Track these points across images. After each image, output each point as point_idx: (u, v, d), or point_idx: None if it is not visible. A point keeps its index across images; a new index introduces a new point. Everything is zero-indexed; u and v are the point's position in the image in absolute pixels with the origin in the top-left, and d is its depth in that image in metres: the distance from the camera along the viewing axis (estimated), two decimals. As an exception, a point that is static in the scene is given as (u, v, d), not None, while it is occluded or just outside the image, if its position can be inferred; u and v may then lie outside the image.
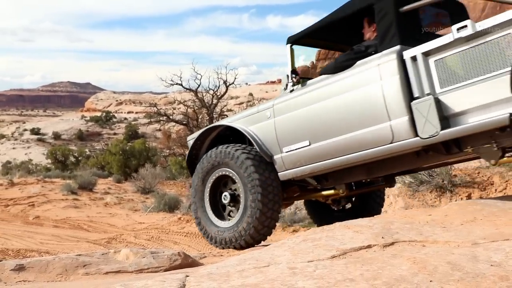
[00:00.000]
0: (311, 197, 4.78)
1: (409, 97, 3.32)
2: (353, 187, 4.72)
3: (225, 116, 24.59)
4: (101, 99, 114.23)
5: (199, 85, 27.23)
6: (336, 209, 5.19)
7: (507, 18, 2.91)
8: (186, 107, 28.84)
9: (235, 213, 4.36)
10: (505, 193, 6.65)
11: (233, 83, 28.04)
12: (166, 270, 3.05)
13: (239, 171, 4.21)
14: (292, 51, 4.23)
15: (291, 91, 4.10)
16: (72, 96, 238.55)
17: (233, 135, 4.60)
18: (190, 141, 4.95)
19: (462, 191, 6.86)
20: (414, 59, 3.31)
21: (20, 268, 2.95)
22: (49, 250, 8.38)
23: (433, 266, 1.82)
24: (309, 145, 3.91)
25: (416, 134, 3.30)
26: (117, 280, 2.77)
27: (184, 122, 28.37)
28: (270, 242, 5.12)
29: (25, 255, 7.67)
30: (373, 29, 3.88)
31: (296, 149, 4.00)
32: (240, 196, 4.27)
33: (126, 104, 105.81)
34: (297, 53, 4.63)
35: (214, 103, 27.62)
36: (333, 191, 4.29)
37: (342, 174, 4.06)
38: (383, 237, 2.30)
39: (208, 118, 26.88)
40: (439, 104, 3.18)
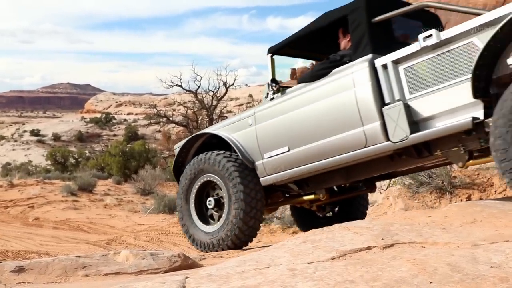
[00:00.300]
0: (294, 203, 4.92)
1: (381, 103, 3.47)
2: (336, 193, 4.84)
3: (225, 118, 24.61)
4: (101, 100, 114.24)
5: (199, 87, 27.26)
6: (321, 215, 5.31)
7: (469, 27, 3.05)
8: (186, 109, 28.86)
9: (219, 217, 4.48)
10: (505, 195, 6.65)
11: (233, 84, 28.08)
12: (166, 271, 3.05)
13: (222, 177, 4.34)
14: (272, 61, 4.40)
15: (272, 99, 4.24)
16: (72, 98, 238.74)
17: (218, 143, 4.71)
18: (177, 149, 5.09)
19: (462, 192, 6.86)
20: (385, 67, 3.46)
21: (20, 270, 2.95)
22: (49, 252, 8.38)
23: (433, 267, 1.82)
24: (288, 151, 4.05)
25: (387, 138, 3.45)
26: (116, 281, 2.77)
27: (184, 124, 28.39)
28: (270, 244, 5.14)
29: (24, 257, 7.67)
30: (348, 39, 4.01)
31: (276, 155, 4.13)
32: (224, 201, 4.40)
33: (125, 105, 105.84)
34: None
35: (214, 104, 27.64)
36: (313, 196, 4.43)
37: (321, 179, 4.20)
38: (383, 239, 2.30)
39: (208, 119, 26.89)
40: (408, 110, 3.34)
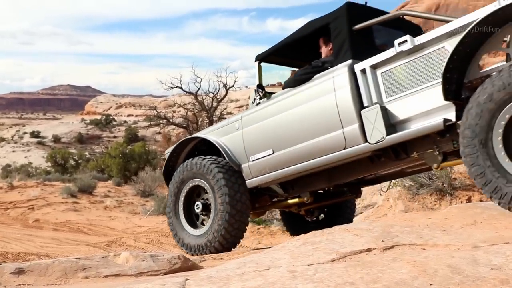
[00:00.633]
0: (281, 207, 5.05)
1: (360, 105, 3.60)
2: (322, 197, 4.99)
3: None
4: (101, 102, 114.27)
5: (199, 88, 27.23)
6: (309, 220, 5.41)
7: (440, 33, 3.19)
8: (186, 110, 28.84)
9: (207, 221, 4.59)
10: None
11: (233, 86, 28.05)
12: (166, 273, 3.04)
13: (209, 181, 4.46)
14: (260, 67, 4.57)
15: (258, 104, 4.39)
16: (72, 99, 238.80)
17: (208, 147, 4.81)
18: (167, 153, 5.17)
19: (462, 194, 6.86)
20: (364, 71, 3.61)
21: (20, 272, 2.94)
22: (49, 253, 8.38)
23: (433, 269, 1.82)
24: (273, 153, 4.18)
25: (366, 140, 3.57)
26: (117, 283, 2.77)
27: (184, 125, 28.38)
28: (270, 245, 5.13)
29: (24, 259, 7.66)
30: (329, 48, 4.16)
31: (261, 157, 4.27)
32: (211, 205, 4.51)
33: (126, 107, 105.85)
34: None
35: (214, 106, 27.62)
36: (298, 199, 4.54)
37: (305, 182, 4.34)
38: (383, 240, 2.29)
39: (208, 121, 26.87)
40: (385, 112, 3.47)
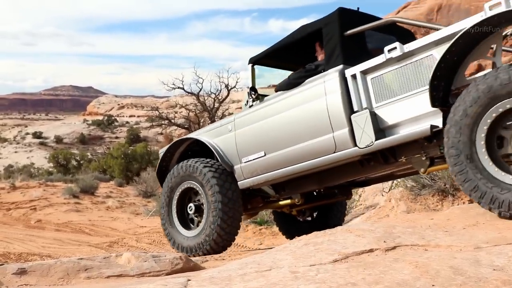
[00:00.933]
0: (273, 208, 5.12)
1: (350, 110, 3.65)
2: (313, 199, 5.05)
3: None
4: (103, 103, 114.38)
5: (200, 89, 27.24)
6: (301, 220, 5.48)
7: (429, 41, 3.25)
8: (188, 111, 28.87)
9: (200, 222, 4.64)
10: (507, 197, 6.62)
11: (234, 86, 28.05)
12: (168, 274, 3.05)
13: (201, 183, 4.52)
14: (253, 70, 4.63)
15: (250, 106, 4.43)
16: (74, 100, 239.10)
17: (202, 148, 4.86)
18: (161, 154, 5.22)
19: (464, 195, 6.85)
20: (354, 77, 3.65)
21: (22, 272, 2.95)
22: (51, 254, 8.39)
23: (435, 270, 1.81)
24: (265, 155, 4.23)
25: (355, 144, 3.63)
26: (119, 284, 2.77)
27: (186, 126, 28.41)
28: (272, 246, 5.13)
29: (26, 259, 7.67)
30: (323, 52, 4.13)
31: (253, 159, 4.32)
32: (203, 206, 4.57)
33: (128, 108, 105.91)
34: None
35: (215, 106, 27.64)
36: (289, 200, 4.61)
37: (296, 184, 4.40)
38: (385, 241, 2.29)
39: (209, 121, 26.89)
40: (374, 117, 3.53)
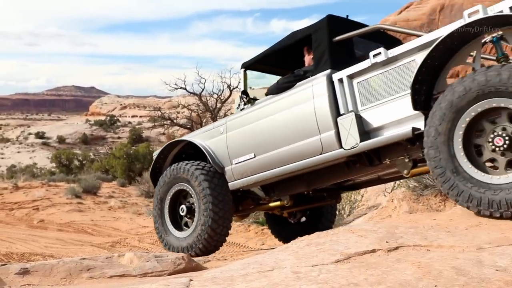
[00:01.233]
0: (263, 209, 5.23)
1: (336, 113, 3.78)
2: (303, 201, 5.12)
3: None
4: (105, 103, 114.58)
5: (203, 89, 27.26)
6: (293, 222, 5.58)
7: (412, 47, 3.37)
8: (190, 111, 28.89)
9: (191, 223, 4.74)
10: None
11: (237, 87, 28.01)
12: (170, 274, 3.05)
13: (193, 185, 4.63)
14: (245, 75, 4.77)
15: (242, 109, 4.56)
16: (76, 100, 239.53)
17: (195, 150, 4.95)
18: (155, 155, 5.31)
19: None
20: (341, 81, 3.78)
21: (25, 272, 2.95)
22: (53, 254, 8.41)
23: (438, 270, 1.81)
24: (254, 157, 4.35)
25: (341, 146, 3.75)
26: (121, 284, 2.78)
27: (188, 126, 28.42)
28: (274, 246, 5.13)
29: (29, 259, 7.70)
30: (311, 57, 4.27)
31: (243, 161, 4.44)
32: (195, 208, 4.66)
33: (130, 108, 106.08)
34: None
35: (218, 107, 27.65)
36: (279, 202, 4.72)
37: (285, 186, 4.52)
38: (387, 242, 2.29)
39: (212, 122, 26.91)
40: (360, 120, 3.66)
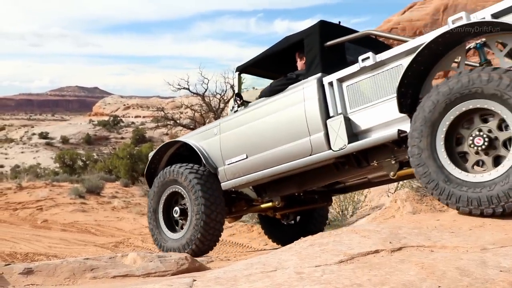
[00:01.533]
0: (256, 211, 5.34)
1: (326, 115, 3.87)
2: (295, 203, 5.25)
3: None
4: (109, 103, 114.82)
5: (206, 90, 27.23)
6: (285, 223, 5.71)
7: (399, 52, 3.48)
8: (193, 112, 28.88)
9: (184, 225, 4.82)
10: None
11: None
12: (173, 274, 3.06)
13: (186, 187, 4.72)
14: (239, 78, 4.90)
15: (235, 111, 4.65)
16: (80, 101, 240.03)
17: (190, 150, 5.03)
18: (150, 156, 5.40)
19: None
20: (331, 84, 3.88)
21: (28, 272, 2.96)
22: (57, 254, 8.43)
23: (441, 271, 1.81)
24: (246, 158, 4.44)
25: (329, 147, 3.83)
26: (124, 284, 2.78)
27: (191, 126, 28.40)
28: (277, 247, 5.13)
29: (33, 259, 7.72)
30: (303, 62, 4.37)
31: (236, 161, 4.54)
32: (188, 210, 4.74)
33: (133, 108, 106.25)
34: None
35: (221, 107, 27.64)
36: (271, 203, 4.80)
37: (277, 187, 4.62)
38: (390, 242, 2.29)
39: (215, 122, 26.86)
40: (348, 122, 3.75)
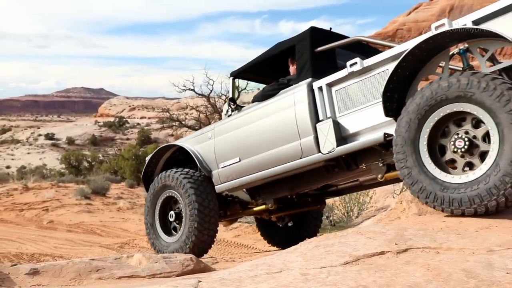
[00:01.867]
0: (250, 214, 5.47)
1: (315, 119, 3.96)
2: (289, 206, 5.34)
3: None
4: (114, 104, 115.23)
5: (211, 91, 27.24)
6: (281, 225, 5.81)
7: (386, 57, 3.58)
8: (199, 113, 28.91)
9: (179, 229, 4.94)
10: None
11: (245, 88, 28.01)
12: (179, 275, 3.06)
13: (180, 192, 4.84)
14: (233, 83, 5.03)
15: (229, 116, 4.77)
16: (85, 102, 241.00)
17: (186, 154, 5.13)
18: (147, 160, 5.51)
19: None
20: (321, 89, 3.97)
21: (35, 272, 2.98)
22: (63, 255, 8.47)
23: (447, 273, 1.80)
24: (239, 161, 4.54)
25: (319, 150, 3.92)
26: (130, 285, 2.79)
27: (197, 128, 28.43)
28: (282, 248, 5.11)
29: (39, 259, 7.76)
30: (295, 67, 4.45)
31: (229, 164, 4.65)
32: (182, 214, 4.87)
33: (138, 109, 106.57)
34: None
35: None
36: (264, 206, 4.90)
37: (270, 190, 4.73)
38: (396, 244, 2.28)
39: (220, 123, 26.85)
40: (337, 126, 3.84)
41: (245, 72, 5.01)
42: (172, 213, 5.01)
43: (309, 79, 4.05)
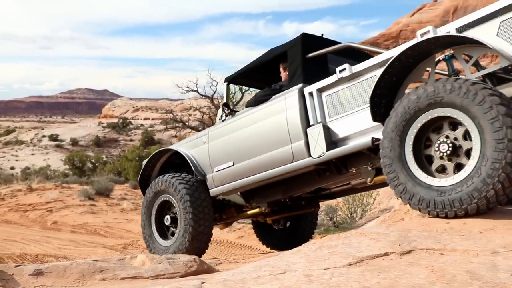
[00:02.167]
0: (245, 217, 5.56)
1: (306, 124, 4.04)
2: (285, 209, 5.42)
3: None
4: (118, 105, 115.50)
5: (215, 92, 27.22)
6: (276, 228, 5.96)
7: (374, 63, 3.64)
8: (202, 114, 28.92)
9: (175, 232, 5.01)
10: (525, 201, 6.51)
11: (248, 89, 28.01)
12: (182, 276, 3.06)
13: (175, 196, 4.92)
14: (228, 88, 5.11)
15: (223, 120, 4.84)
16: (89, 103, 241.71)
17: (182, 158, 5.21)
18: (144, 164, 5.61)
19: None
20: (311, 94, 4.04)
21: (39, 273, 2.99)
22: (67, 255, 8.49)
23: (451, 274, 1.80)
24: (233, 165, 4.62)
25: (309, 155, 3.99)
26: (133, 285, 2.79)
27: (200, 129, 28.43)
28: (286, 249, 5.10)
29: (43, 260, 7.78)
30: (287, 73, 4.53)
31: (223, 168, 4.72)
32: (178, 218, 4.94)
33: (142, 110, 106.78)
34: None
35: (229, 109, 27.63)
36: (258, 209, 5.03)
37: (263, 193, 4.81)
38: (400, 245, 2.27)
39: (223, 124, 26.86)
40: (327, 130, 3.92)
41: (239, 78, 5.11)
42: (168, 217, 5.09)
43: (300, 85, 4.12)
